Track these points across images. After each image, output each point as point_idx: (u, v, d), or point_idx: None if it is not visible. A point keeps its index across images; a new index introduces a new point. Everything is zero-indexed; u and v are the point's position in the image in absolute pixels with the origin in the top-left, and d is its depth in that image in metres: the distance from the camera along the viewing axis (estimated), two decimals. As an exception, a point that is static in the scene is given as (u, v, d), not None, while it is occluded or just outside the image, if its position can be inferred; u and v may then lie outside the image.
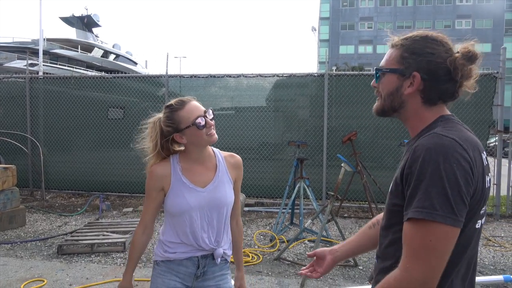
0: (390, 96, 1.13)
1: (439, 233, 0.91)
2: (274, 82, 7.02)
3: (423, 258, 0.93)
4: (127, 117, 7.39)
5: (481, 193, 0.99)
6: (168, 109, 1.67)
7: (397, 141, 6.58)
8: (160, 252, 1.72)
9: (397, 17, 52.54)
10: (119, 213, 6.46)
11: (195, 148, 1.69)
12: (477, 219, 1.03)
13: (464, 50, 1.07)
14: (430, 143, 0.97)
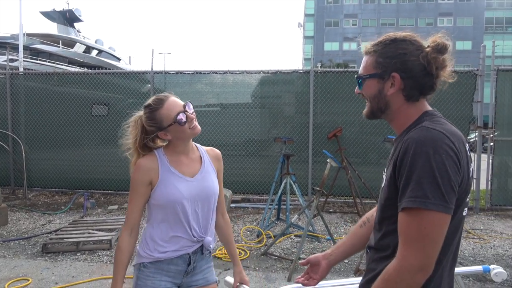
0: (374, 99, 1.18)
1: (432, 220, 0.97)
2: (260, 79, 7.04)
3: (418, 245, 0.98)
4: (112, 114, 7.31)
5: (467, 182, 1.05)
6: (147, 109, 1.67)
7: (381, 137, 6.69)
8: (147, 253, 1.65)
9: (380, 14, 53.13)
10: (104, 211, 6.40)
11: (180, 141, 1.70)
12: (464, 207, 1.09)
13: (433, 43, 1.12)
14: (419, 136, 1.02)
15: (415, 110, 1.16)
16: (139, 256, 1.68)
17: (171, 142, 1.71)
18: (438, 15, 51.74)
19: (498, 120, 6.32)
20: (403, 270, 1.00)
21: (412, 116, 1.16)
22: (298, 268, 3.94)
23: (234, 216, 5.98)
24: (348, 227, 5.56)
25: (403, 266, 1.00)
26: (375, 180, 6.50)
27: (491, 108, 6.33)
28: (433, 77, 1.12)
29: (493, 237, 5.13)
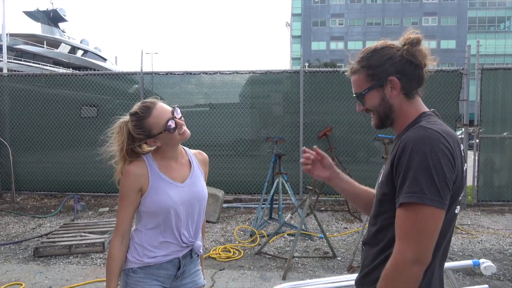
0: (380, 107, 1.23)
1: (428, 215, 1.01)
2: (249, 79, 7.06)
3: (414, 238, 1.02)
4: (101, 115, 7.24)
5: (461, 180, 1.10)
6: (134, 117, 1.62)
7: (370, 136, 6.79)
8: (136, 258, 1.62)
9: (367, 14, 53.68)
10: (95, 213, 6.35)
11: (169, 147, 1.68)
12: (457, 205, 1.14)
13: (408, 40, 1.20)
14: (417, 135, 1.07)
15: (414, 110, 1.22)
16: (127, 262, 1.64)
17: (160, 148, 1.67)
18: (423, 14, 52.54)
19: (483, 117, 6.47)
20: (399, 264, 1.03)
21: (411, 116, 1.22)
22: (292, 266, 3.99)
23: (226, 216, 6.00)
24: (339, 225, 5.63)
25: (399, 260, 1.04)
26: (365, 178, 6.59)
27: (477, 106, 6.48)
28: (421, 67, 1.20)
29: (480, 232, 5.26)
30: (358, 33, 54.25)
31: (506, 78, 6.54)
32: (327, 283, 2.81)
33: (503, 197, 6.55)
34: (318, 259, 4.27)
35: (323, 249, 4.56)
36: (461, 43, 50.54)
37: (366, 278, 1.25)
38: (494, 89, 6.51)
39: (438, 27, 52.02)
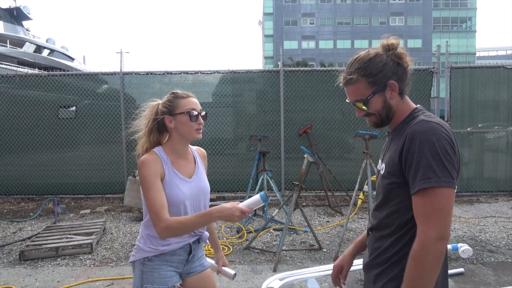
0: (383, 109, 1.37)
1: (445, 195, 1.16)
2: (230, 78, 7.15)
3: (435, 218, 1.15)
4: (79, 117, 7.13)
5: (459, 164, 1.26)
6: (172, 94, 1.79)
7: (345, 133, 7.07)
8: (151, 247, 1.72)
9: (337, 14, 54.75)
10: (77, 215, 6.26)
11: (181, 139, 1.78)
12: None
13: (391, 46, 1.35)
14: (422, 127, 1.22)
15: (406, 107, 1.38)
16: (142, 251, 1.73)
17: (172, 140, 1.78)
18: (390, 14, 54.16)
19: (452, 113, 6.86)
20: (425, 244, 1.15)
21: (404, 112, 1.38)
22: (281, 259, 4.13)
23: (211, 214, 6.07)
24: (322, 219, 5.84)
25: (425, 240, 1.15)
26: (343, 173, 6.85)
27: (446, 102, 6.86)
28: (407, 67, 1.36)
29: (453, 221, 5.60)
30: (329, 32, 55.25)
31: (472, 76, 6.96)
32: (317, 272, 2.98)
33: (472, 188, 6.97)
34: (305, 251, 4.44)
35: (309, 242, 4.73)
36: (426, 42, 52.55)
37: (375, 260, 1.37)
38: (462, 86, 6.91)
39: (405, 27, 53.79)
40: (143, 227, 1.78)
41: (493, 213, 6.01)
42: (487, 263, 4.03)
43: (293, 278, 2.83)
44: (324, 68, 7.53)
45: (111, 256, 4.35)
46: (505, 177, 7.03)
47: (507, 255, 4.25)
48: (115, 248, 4.62)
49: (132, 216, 6.05)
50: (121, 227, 5.48)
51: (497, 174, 7.07)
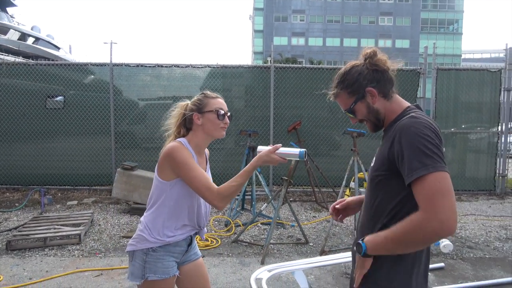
0: (369, 114, 1.47)
1: (442, 179, 1.19)
2: (221, 73, 7.18)
3: (437, 201, 1.16)
4: (68, 107, 7.06)
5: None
6: (202, 94, 1.91)
7: (333, 130, 7.19)
8: (157, 238, 1.77)
9: (327, 11, 54.91)
10: (63, 206, 6.23)
11: (205, 137, 1.87)
12: None
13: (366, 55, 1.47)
14: (411, 122, 1.30)
15: (397, 106, 1.46)
16: (146, 242, 1.78)
17: (196, 136, 1.86)
18: (380, 14, 54.59)
19: (438, 114, 7.04)
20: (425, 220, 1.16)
21: (395, 112, 1.46)
22: (268, 253, 4.22)
23: (199, 208, 6.12)
24: (308, 214, 5.95)
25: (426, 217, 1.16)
26: (330, 170, 6.97)
27: (432, 103, 7.03)
28: (386, 71, 1.45)
29: (434, 218, 5.77)
30: (319, 29, 55.42)
31: (457, 78, 7.15)
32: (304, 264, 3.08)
33: (454, 187, 7.01)
34: (292, 245, 4.54)
35: (295, 236, 4.83)
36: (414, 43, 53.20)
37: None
38: (448, 88, 7.09)
39: (393, 27, 54.34)
40: (148, 218, 1.82)
41: (473, 211, 6.21)
42: (466, 258, 4.19)
43: (281, 270, 2.92)
44: (315, 66, 7.63)
45: (99, 247, 4.37)
46: (485, 177, 7.26)
47: (485, 251, 4.42)
48: (104, 240, 4.63)
49: (120, 208, 6.05)
50: (109, 219, 5.48)
51: (478, 173, 7.29)
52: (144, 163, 6.74)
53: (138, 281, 1.78)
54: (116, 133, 6.98)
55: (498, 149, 7.24)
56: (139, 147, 7.11)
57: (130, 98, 7.28)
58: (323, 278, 3.60)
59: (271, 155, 1.75)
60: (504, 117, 7.22)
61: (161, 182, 1.80)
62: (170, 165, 1.75)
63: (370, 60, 1.44)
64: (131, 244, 1.82)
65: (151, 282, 1.76)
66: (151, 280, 1.76)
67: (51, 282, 3.46)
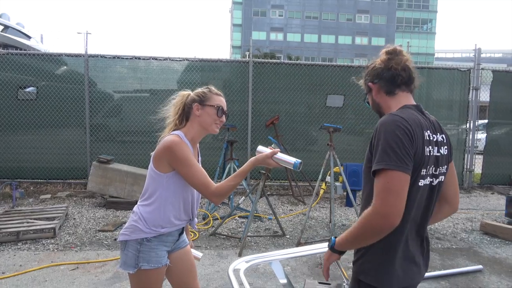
0: (373, 106, 1.61)
1: (394, 177, 1.28)
2: (199, 66, 7.14)
3: (384, 197, 1.28)
4: (40, 99, 6.86)
5: (421, 157, 1.37)
6: (207, 88, 1.96)
7: (310, 126, 7.32)
8: (152, 229, 1.80)
9: (305, 8, 55.25)
10: (36, 200, 6.09)
11: (200, 130, 1.93)
12: (420, 178, 1.38)
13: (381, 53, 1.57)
14: (385, 118, 1.39)
15: (395, 104, 1.51)
16: (140, 232, 1.79)
17: (192, 129, 1.90)
18: (357, 11, 55.40)
19: (410, 111, 7.26)
20: (371, 216, 1.30)
21: (390, 108, 1.51)
22: (246, 245, 4.28)
23: (177, 201, 6.11)
24: (285, 207, 6.05)
25: (372, 211, 1.30)
26: (307, 165, 7.07)
27: (406, 100, 7.24)
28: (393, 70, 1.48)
29: (406, 211, 5.99)
30: (297, 25, 55.73)
31: (430, 76, 7.40)
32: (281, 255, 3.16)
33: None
34: (269, 237, 4.62)
35: (272, 229, 4.92)
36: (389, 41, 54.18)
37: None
38: (420, 85, 7.26)
39: (370, 25, 55.30)
40: (143, 210, 1.83)
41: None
42: (434, 249, 4.39)
43: (259, 260, 2.98)
44: (293, 61, 7.71)
45: (75, 241, 4.31)
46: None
47: (452, 242, 4.65)
48: (79, 233, 4.57)
49: (95, 202, 5.97)
50: (84, 213, 5.41)
51: (447, 169, 7.57)
52: (120, 157, 6.66)
53: (132, 270, 1.80)
54: (91, 126, 6.85)
55: (466, 146, 7.56)
56: (115, 140, 7.00)
57: (105, 91, 7.15)
58: (299, 269, 3.70)
59: (268, 159, 1.81)
60: (472, 115, 7.54)
61: (157, 174, 1.82)
62: (169, 159, 1.78)
63: (382, 58, 1.54)
64: (123, 234, 1.83)
65: (144, 271, 1.80)
66: (144, 269, 1.79)
67: (25, 276, 3.40)
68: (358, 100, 7.23)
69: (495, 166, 7.70)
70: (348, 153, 7.24)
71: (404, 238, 1.42)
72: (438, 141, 1.48)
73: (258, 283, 3.40)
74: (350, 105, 7.26)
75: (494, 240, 4.74)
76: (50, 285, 3.25)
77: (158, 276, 1.84)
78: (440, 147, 1.48)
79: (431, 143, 1.43)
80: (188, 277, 2.03)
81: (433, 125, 1.51)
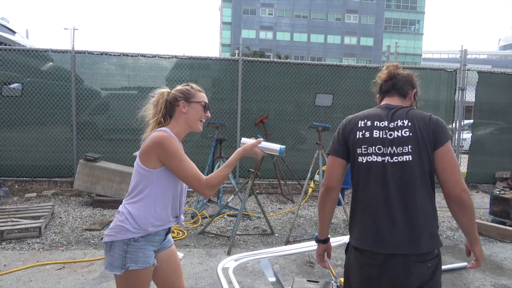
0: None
1: (328, 159, 1.82)
2: (189, 64, 7.10)
3: (325, 174, 1.81)
4: (26, 95, 6.73)
5: (353, 140, 1.71)
6: (189, 85, 1.96)
7: (299, 125, 7.34)
8: (140, 228, 1.77)
9: (295, 7, 55.34)
10: (21, 199, 5.98)
11: (186, 126, 1.92)
12: (357, 156, 1.69)
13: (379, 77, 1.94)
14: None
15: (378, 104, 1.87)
16: (127, 232, 1.76)
17: (178, 126, 1.90)
18: (346, 11, 55.73)
19: (398, 110, 7.34)
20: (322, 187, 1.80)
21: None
22: (235, 244, 4.28)
23: (165, 200, 6.07)
24: (274, 206, 6.06)
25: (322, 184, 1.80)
26: (296, 163, 7.12)
27: (393, 100, 7.32)
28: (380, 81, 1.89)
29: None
30: (287, 24, 55.80)
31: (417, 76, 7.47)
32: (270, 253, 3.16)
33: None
34: (257, 236, 4.63)
35: (261, 227, 4.93)
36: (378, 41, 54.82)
37: None
38: (408, 86, 7.39)
39: (359, 25, 55.70)
40: (130, 208, 1.79)
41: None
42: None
43: (247, 259, 2.98)
44: (282, 60, 7.72)
45: (61, 240, 4.25)
46: (440, 171, 7.66)
47: (438, 240, 4.71)
48: (65, 232, 4.51)
49: (82, 201, 5.89)
50: (71, 212, 5.33)
51: (434, 168, 7.68)
52: (107, 155, 6.58)
53: (119, 272, 1.76)
54: (78, 123, 6.75)
55: (452, 145, 7.67)
56: (102, 138, 6.91)
57: (93, 88, 7.05)
58: (287, 267, 3.71)
59: (254, 148, 1.87)
60: (458, 115, 7.65)
61: (146, 170, 1.79)
62: (159, 154, 1.76)
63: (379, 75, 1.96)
64: (109, 235, 1.79)
65: (132, 272, 1.76)
66: (132, 270, 1.76)
67: (9, 276, 3.34)
68: (347, 100, 7.30)
69: (480, 165, 7.84)
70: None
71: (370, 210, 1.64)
72: (381, 126, 1.68)
73: (247, 281, 3.40)
74: (339, 104, 7.30)
75: (478, 238, 4.82)
76: (35, 285, 3.20)
77: (146, 276, 1.82)
78: (391, 131, 1.66)
79: (367, 128, 1.69)
80: (174, 277, 2.01)
81: (384, 115, 1.71)
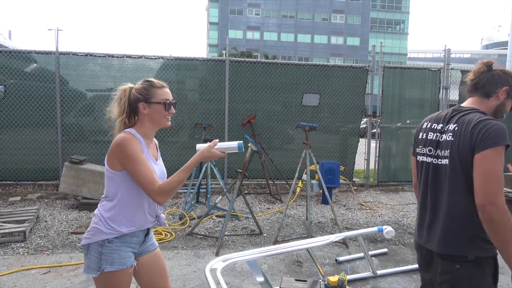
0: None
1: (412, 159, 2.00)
2: (175, 65, 7.05)
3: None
4: (9, 97, 6.61)
5: (416, 139, 1.90)
6: (148, 82, 1.87)
7: (286, 125, 7.37)
8: (113, 229, 1.76)
9: (282, 7, 55.48)
10: (5, 203, 5.86)
11: (152, 126, 1.89)
12: (417, 155, 1.87)
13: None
14: None
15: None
16: (101, 233, 1.75)
17: (143, 125, 1.87)
18: (332, 11, 56.10)
19: (384, 110, 7.44)
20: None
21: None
22: (223, 244, 4.28)
23: (153, 202, 6.03)
24: (263, 206, 6.08)
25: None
26: (284, 163, 7.15)
27: (379, 99, 7.42)
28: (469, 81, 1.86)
29: (380, 207, 6.15)
30: (274, 24, 55.90)
31: (402, 75, 7.59)
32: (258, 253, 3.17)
33: (398, 178, 7.66)
34: (246, 236, 4.63)
35: (250, 228, 4.93)
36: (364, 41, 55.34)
37: None
38: (393, 85, 7.51)
39: (345, 25, 56.14)
40: (103, 210, 1.80)
41: (415, 200, 6.67)
42: (407, 244, 4.52)
43: (236, 259, 2.98)
44: (269, 60, 7.74)
45: (46, 244, 4.18)
46: (426, 169, 7.78)
47: (424, 237, 4.78)
48: (51, 236, 4.44)
49: (68, 204, 5.81)
50: (56, 215, 5.26)
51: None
52: (93, 157, 6.50)
53: (95, 274, 1.75)
54: (63, 126, 6.66)
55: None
56: (88, 140, 6.83)
57: (78, 89, 6.96)
58: (276, 267, 3.72)
59: (211, 150, 1.83)
60: (443, 113, 7.77)
61: (112, 173, 1.79)
62: (118, 156, 1.76)
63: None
64: (85, 238, 1.79)
65: (108, 273, 1.75)
66: (108, 271, 1.75)
67: (-7, 282, 3.28)
68: (334, 99, 7.36)
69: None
70: (324, 151, 7.35)
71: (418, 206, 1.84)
72: (437, 128, 1.77)
73: (235, 282, 3.40)
74: (325, 104, 7.36)
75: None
76: (20, 290, 3.15)
77: (123, 278, 1.79)
78: (442, 134, 1.74)
79: (426, 130, 1.83)
80: (160, 280, 1.98)
81: (443, 117, 1.78)
